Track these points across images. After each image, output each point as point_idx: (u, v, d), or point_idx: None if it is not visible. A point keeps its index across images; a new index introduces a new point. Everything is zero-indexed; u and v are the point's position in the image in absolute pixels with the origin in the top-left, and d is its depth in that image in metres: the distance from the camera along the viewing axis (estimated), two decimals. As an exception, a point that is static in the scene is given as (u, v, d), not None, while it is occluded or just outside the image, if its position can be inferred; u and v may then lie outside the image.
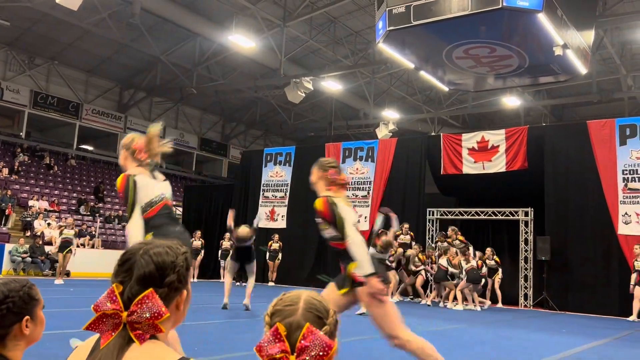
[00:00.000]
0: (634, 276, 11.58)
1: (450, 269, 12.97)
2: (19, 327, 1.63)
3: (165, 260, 1.28)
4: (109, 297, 1.22)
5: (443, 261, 13.21)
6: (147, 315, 1.19)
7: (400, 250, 13.64)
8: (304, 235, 17.34)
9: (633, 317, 11.48)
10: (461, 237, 13.63)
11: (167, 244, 1.32)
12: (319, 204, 3.74)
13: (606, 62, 20.46)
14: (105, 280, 1.41)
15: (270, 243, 16.79)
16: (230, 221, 10.09)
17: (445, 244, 13.68)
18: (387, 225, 10.57)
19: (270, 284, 16.96)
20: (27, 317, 1.65)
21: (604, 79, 21.05)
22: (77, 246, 14.75)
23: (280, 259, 17.08)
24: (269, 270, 17.15)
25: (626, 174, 12.82)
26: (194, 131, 30.99)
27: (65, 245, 13.93)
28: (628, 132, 13.00)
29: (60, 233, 14.22)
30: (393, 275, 13.32)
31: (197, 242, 17.16)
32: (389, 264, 12.83)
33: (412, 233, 14.29)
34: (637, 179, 12.69)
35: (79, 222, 19.82)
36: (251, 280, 9.93)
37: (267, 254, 16.72)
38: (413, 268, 13.88)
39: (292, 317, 1.24)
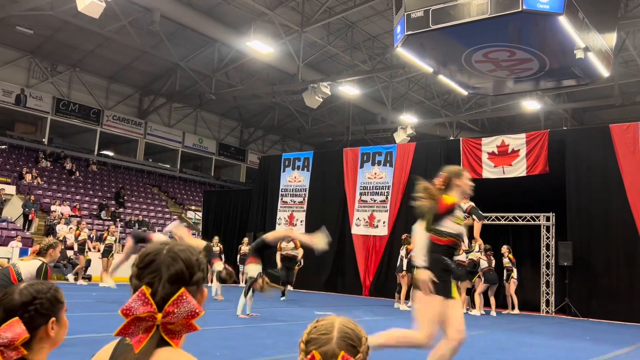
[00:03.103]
0: None
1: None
2: (45, 329, 1.65)
3: (191, 258, 1.28)
4: (140, 299, 1.19)
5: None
6: (184, 315, 1.18)
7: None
8: (322, 240, 17.30)
9: None
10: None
11: (183, 244, 1.32)
12: (449, 199, 4.20)
13: (628, 64, 20.16)
14: (126, 284, 1.40)
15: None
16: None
17: None
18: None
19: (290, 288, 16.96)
20: (53, 318, 1.66)
21: (626, 81, 20.73)
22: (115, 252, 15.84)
23: (301, 264, 17.07)
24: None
25: (650, 178, 12.59)
26: (213, 136, 31.23)
27: (108, 250, 15.30)
28: (652, 135, 12.77)
29: (104, 240, 15.51)
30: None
31: (216, 248, 17.21)
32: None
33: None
34: (661, 183, 12.45)
35: (99, 226, 20.06)
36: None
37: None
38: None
39: (327, 346, 1.28)
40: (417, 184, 4.21)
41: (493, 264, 12.77)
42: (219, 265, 9.49)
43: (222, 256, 17.40)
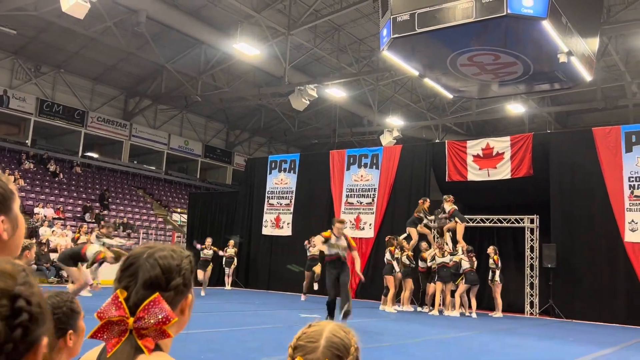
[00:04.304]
0: None
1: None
2: (63, 341, 1.65)
3: (171, 263, 1.25)
4: (113, 303, 1.18)
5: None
6: (154, 321, 1.16)
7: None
8: (308, 243, 17.30)
9: None
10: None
11: (170, 247, 1.29)
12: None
13: (611, 69, 20.44)
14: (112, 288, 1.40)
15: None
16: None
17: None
18: None
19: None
20: (70, 331, 1.67)
21: (609, 86, 21.02)
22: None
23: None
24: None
25: (632, 181, 12.77)
26: (199, 138, 31.09)
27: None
28: (634, 139, 12.95)
29: (76, 240, 14.94)
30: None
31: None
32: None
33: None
34: (643, 186, 12.63)
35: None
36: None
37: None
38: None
39: (312, 354, 1.27)
40: None
41: (475, 265, 12.87)
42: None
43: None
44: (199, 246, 15.42)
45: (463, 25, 8.81)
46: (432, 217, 13.94)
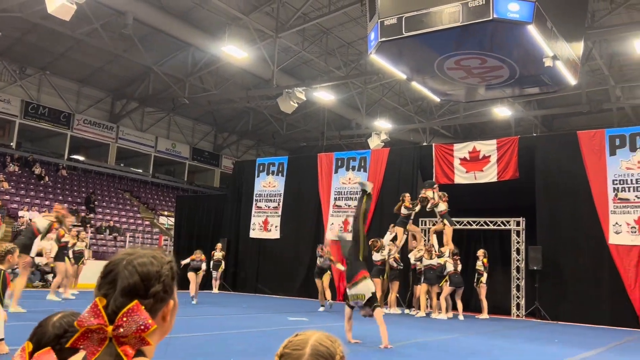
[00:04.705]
0: None
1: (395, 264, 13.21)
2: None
3: (150, 270, 1.23)
4: (92, 311, 1.17)
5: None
6: (134, 329, 1.15)
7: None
8: (296, 245, 17.30)
9: None
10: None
11: (151, 254, 1.27)
12: None
13: (595, 73, 20.69)
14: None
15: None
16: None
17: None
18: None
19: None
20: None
21: (593, 89, 21.28)
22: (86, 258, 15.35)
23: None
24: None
25: (616, 184, 12.92)
26: (186, 141, 30.96)
27: (79, 257, 14.55)
28: (618, 142, 13.11)
29: (73, 245, 14.56)
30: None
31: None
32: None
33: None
34: (627, 188, 12.79)
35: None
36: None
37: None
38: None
39: None
40: None
41: (459, 268, 12.92)
42: None
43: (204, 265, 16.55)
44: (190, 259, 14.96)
45: (450, 29, 8.87)
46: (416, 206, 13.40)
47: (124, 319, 1.15)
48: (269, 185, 18.52)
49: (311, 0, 18.02)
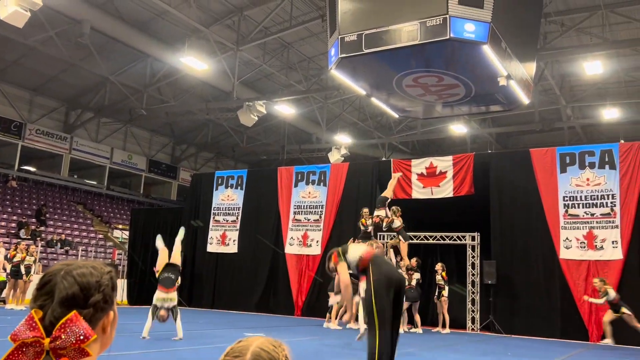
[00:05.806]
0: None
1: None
2: None
3: (90, 280, 1.19)
4: (27, 323, 1.12)
5: None
6: (73, 340, 1.11)
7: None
8: (254, 260, 17.14)
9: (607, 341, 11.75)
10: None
11: (90, 264, 1.24)
12: None
13: (547, 93, 21.44)
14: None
15: None
16: None
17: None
18: None
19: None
20: None
21: (546, 109, 22.04)
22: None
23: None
24: None
25: (567, 200, 13.35)
26: (143, 153, 30.36)
27: (27, 271, 14.36)
28: (568, 160, 13.57)
29: (22, 260, 14.32)
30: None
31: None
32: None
33: None
34: (577, 205, 13.23)
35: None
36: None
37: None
38: None
39: None
40: None
41: (413, 282, 13.02)
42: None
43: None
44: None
45: (408, 47, 9.04)
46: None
47: (62, 330, 1.11)
48: (228, 199, 18.33)
49: (272, 14, 18.08)
